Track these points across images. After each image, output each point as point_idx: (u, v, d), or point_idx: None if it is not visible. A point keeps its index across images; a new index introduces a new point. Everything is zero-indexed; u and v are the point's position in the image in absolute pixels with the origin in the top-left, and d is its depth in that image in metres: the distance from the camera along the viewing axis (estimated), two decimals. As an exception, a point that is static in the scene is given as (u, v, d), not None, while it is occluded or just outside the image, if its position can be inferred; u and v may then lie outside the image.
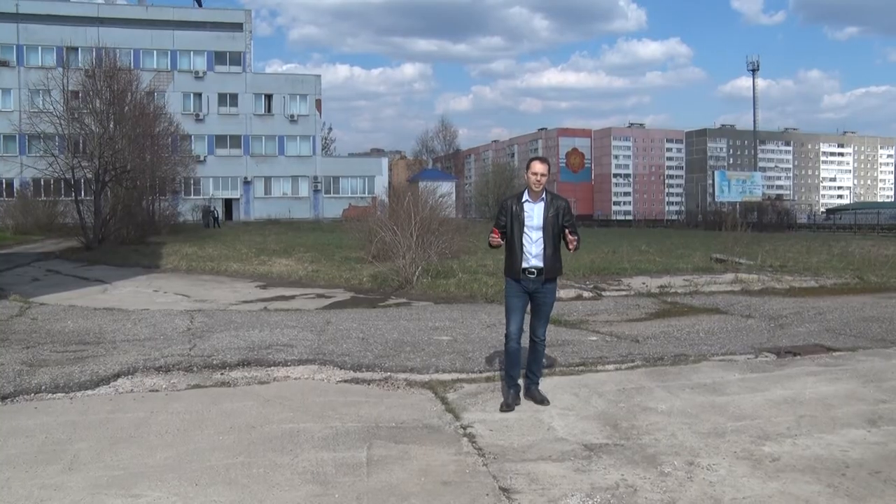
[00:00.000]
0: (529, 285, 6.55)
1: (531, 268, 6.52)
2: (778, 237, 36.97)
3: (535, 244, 6.53)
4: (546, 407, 6.48)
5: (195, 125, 64.93)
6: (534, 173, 6.52)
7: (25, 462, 5.18)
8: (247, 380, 7.67)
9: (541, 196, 6.57)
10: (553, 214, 6.52)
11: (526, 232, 6.54)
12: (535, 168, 6.53)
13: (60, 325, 11.02)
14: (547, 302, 6.67)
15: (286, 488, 4.67)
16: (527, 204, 6.61)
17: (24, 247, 30.92)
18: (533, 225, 6.54)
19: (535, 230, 6.54)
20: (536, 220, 6.53)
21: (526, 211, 6.58)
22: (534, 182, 6.52)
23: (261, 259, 22.80)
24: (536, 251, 6.53)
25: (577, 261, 19.83)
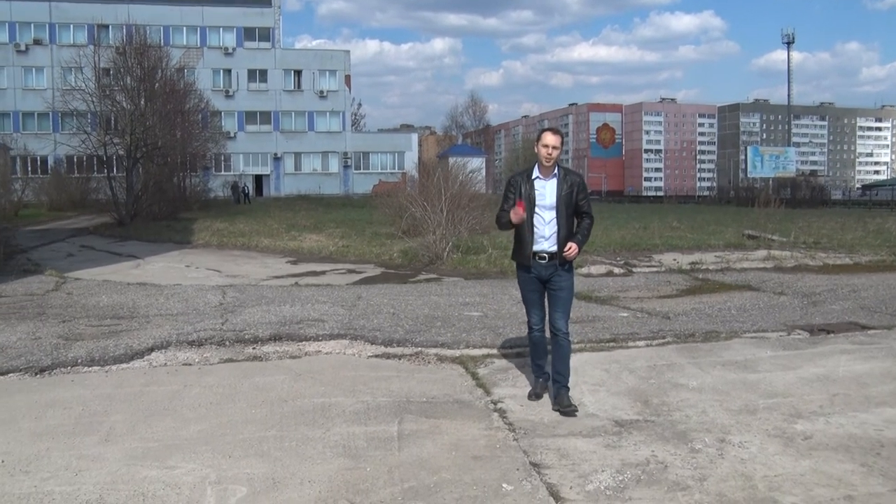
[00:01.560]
0: (542, 271, 5.93)
1: (543, 252, 5.89)
2: (812, 213, 36.52)
3: (549, 225, 5.88)
4: (576, 382, 6.45)
5: (225, 101, 65.18)
6: (545, 146, 5.85)
7: (64, 433, 5.27)
8: (278, 354, 7.73)
9: (553, 172, 5.91)
10: (567, 192, 5.87)
11: (537, 212, 5.89)
12: (547, 139, 5.86)
13: (95, 300, 11.16)
14: (564, 287, 5.95)
15: (318, 461, 4.70)
16: (538, 181, 5.93)
17: (59, 223, 31.31)
18: (545, 204, 5.88)
19: (547, 210, 5.88)
20: (549, 198, 5.87)
21: (537, 188, 5.91)
22: (545, 156, 5.85)
23: (291, 234, 22.91)
24: (549, 233, 5.88)
25: (608, 237, 19.75)
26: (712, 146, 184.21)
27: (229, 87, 67.59)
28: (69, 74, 36.02)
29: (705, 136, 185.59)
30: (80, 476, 4.51)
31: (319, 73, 69.85)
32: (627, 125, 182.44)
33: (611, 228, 23.20)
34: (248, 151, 67.82)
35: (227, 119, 65.09)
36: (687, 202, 78.27)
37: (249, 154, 68.05)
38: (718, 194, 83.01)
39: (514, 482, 4.38)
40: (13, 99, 62.87)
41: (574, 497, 4.19)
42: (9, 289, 12.38)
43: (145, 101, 33.20)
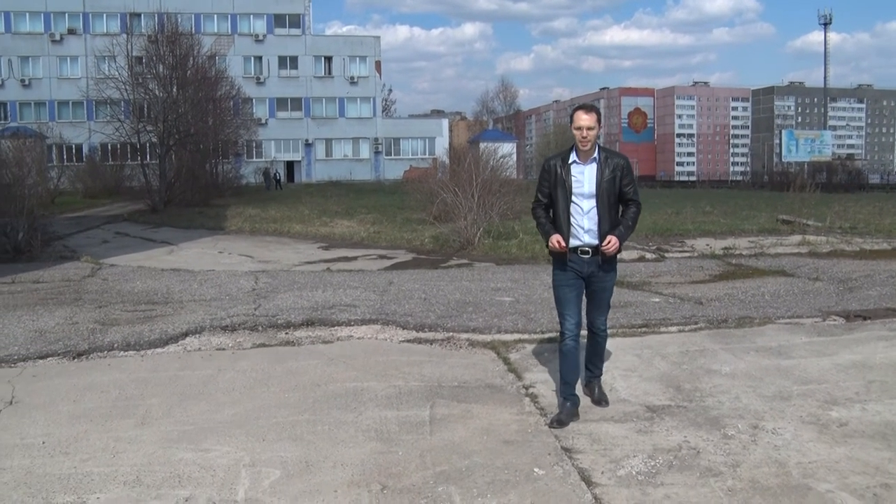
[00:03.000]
0: (584, 268, 5.24)
1: (584, 246, 5.19)
2: (848, 198, 35.96)
3: (588, 216, 5.19)
4: (608, 368, 6.41)
5: (256, 88, 65.42)
6: (578, 127, 5.13)
7: (101, 416, 5.36)
8: (311, 339, 7.79)
9: (592, 155, 5.19)
10: (609, 178, 5.16)
11: (574, 201, 5.19)
12: (580, 120, 5.12)
13: (130, 286, 11.31)
14: (607, 287, 5.40)
15: (350, 445, 4.74)
16: (575, 166, 5.23)
17: (94, 210, 31.69)
18: (584, 192, 5.17)
19: (586, 198, 5.17)
20: (588, 185, 5.16)
21: (574, 174, 5.21)
22: (580, 139, 5.14)
23: (323, 220, 23.01)
24: (589, 225, 5.19)
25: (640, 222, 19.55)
26: (746, 130, 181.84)
27: (260, 74, 67.80)
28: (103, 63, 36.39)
29: (739, 119, 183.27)
30: (117, 458, 4.59)
31: (350, 59, 69.82)
32: (659, 109, 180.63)
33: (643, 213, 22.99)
34: (279, 138, 68.06)
35: (258, 106, 65.32)
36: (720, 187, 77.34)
37: (281, 140, 68.29)
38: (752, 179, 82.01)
39: (545, 467, 4.38)
40: (49, 88, 63.60)
41: (606, 482, 4.18)
42: (46, 275, 12.58)
43: (177, 88, 33.47)
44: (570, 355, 5.26)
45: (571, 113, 5.27)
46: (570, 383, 5.26)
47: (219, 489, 4.12)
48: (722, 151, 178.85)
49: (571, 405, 5.22)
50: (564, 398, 5.26)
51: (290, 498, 4.02)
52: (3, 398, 5.82)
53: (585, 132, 5.10)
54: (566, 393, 5.26)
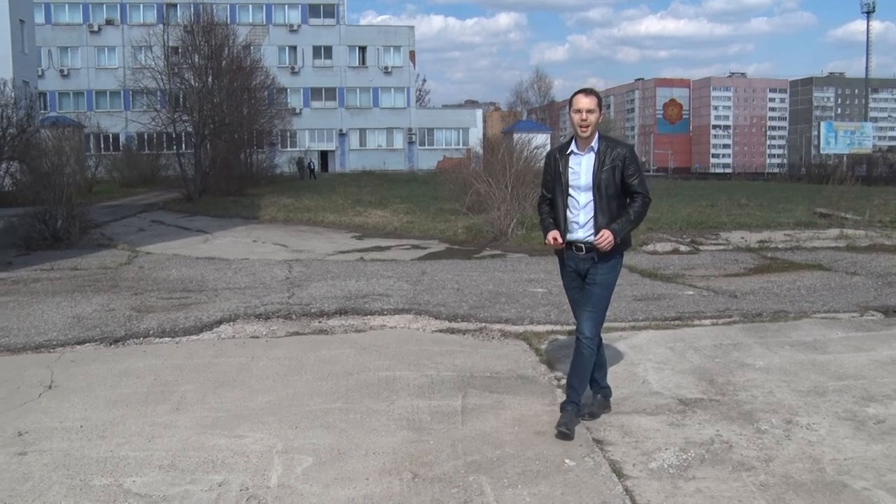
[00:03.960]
0: (580, 265, 4.93)
1: (578, 242, 4.88)
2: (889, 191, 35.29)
3: (584, 211, 4.84)
4: (640, 360, 6.39)
5: (290, 78, 65.79)
6: (577, 111, 4.77)
7: (137, 401, 5.44)
8: (344, 328, 7.83)
9: (590, 144, 4.85)
10: (609, 168, 4.77)
11: (571, 194, 4.88)
12: (579, 103, 4.78)
13: (165, 273, 11.44)
14: (598, 283, 4.87)
15: (383, 434, 4.76)
16: (573, 157, 4.91)
17: (130, 199, 32.06)
18: (580, 185, 4.84)
19: (582, 191, 4.84)
20: (584, 177, 4.82)
21: (571, 166, 4.89)
22: (578, 124, 4.78)
23: (356, 210, 23.09)
24: (585, 220, 4.84)
25: (674, 214, 19.45)
26: (783, 122, 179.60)
27: (295, 64, 68.15)
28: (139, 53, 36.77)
29: (776, 111, 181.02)
30: (152, 442, 4.66)
31: (384, 49, 69.94)
32: (695, 101, 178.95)
33: (677, 205, 22.83)
34: (313, 128, 68.41)
35: (292, 96, 65.68)
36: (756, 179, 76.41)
37: (315, 130, 68.63)
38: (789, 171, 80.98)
39: (576, 458, 4.37)
40: (87, 78, 64.50)
41: (637, 474, 4.16)
42: (84, 262, 12.77)
43: (213, 78, 33.72)
44: None
45: (570, 98, 4.92)
46: (595, 380, 5.13)
47: (252, 475, 4.17)
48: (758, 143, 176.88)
49: (602, 397, 5.16)
50: (594, 392, 5.16)
51: (322, 485, 4.05)
52: (43, 382, 5.93)
53: (585, 114, 4.74)
54: (593, 387, 5.15)
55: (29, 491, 4.01)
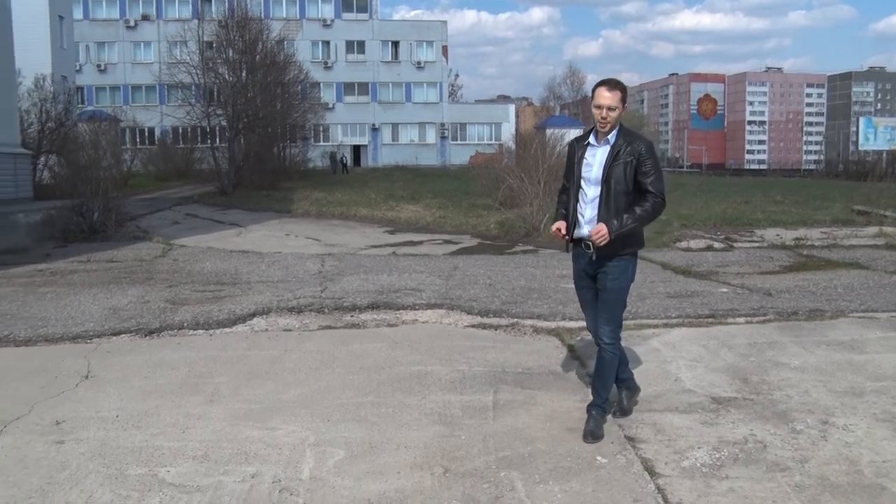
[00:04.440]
0: (586, 264, 4.76)
1: (584, 239, 4.70)
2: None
3: (591, 205, 4.64)
4: (673, 358, 6.34)
5: (324, 73, 65.98)
6: (598, 106, 4.57)
7: (171, 392, 5.50)
8: (376, 322, 7.85)
9: (607, 137, 4.65)
10: (622, 163, 4.54)
11: (582, 187, 4.69)
12: (601, 97, 4.55)
13: (199, 266, 11.55)
14: (608, 287, 4.68)
15: (414, 428, 4.77)
16: (589, 148, 4.72)
17: (165, 192, 32.38)
18: (590, 178, 4.64)
19: (592, 185, 4.64)
20: (596, 170, 4.61)
21: (586, 157, 4.70)
22: (599, 119, 4.58)
23: (389, 205, 23.13)
24: (590, 215, 4.63)
25: (708, 210, 19.28)
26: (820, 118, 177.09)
27: (328, 59, 68.36)
28: (175, 48, 37.03)
29: (813, 106, 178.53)
30: (186, 433, 4.71)
31: (417, 43, 69.92)
32: (730, 96, 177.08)
33: (711, 202, 22.62)
34: (346, 122, 68.61)
35: (325, 90, 65.92)
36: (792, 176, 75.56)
37: (348, 125, 68.83)
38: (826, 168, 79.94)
39: (608, 455, 4.35)
40: (123, 73, 65.20)
41: (669, 473, 4.13)
42: (120, 254, 12.93)
43: (247, 73, 33.95)
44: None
45: (593, 88, 4.69)
46: (619, 378, 4.96)
47: (284, 467, 4.19)
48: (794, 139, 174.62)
49: (627, 389, 5.04)
50: (618, 388, 5.01)
51: (353, 478, 4.06)
52: (80, 372, 6.01)
53: (605, 112, 4.53)
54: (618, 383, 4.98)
55: (66, 479, 4.07)
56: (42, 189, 21.19)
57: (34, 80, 25.20)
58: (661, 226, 16.13)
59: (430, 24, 73.12)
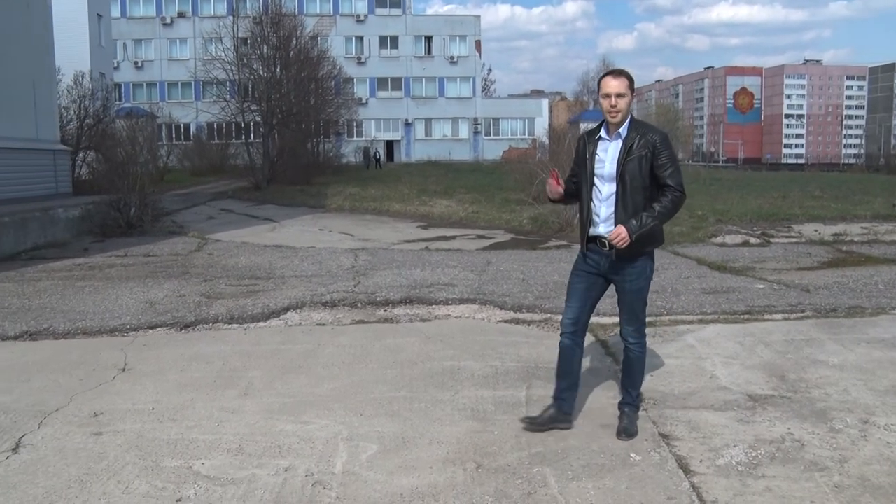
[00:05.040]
0: (602, 263, 4.55)
1: (600, 237, 4.51)
2: (973, 182, 34.02)
3: (606, 203, 4.46)
4: (708, 354, 6.27)
5: (357, 68, 66.19)
6: (605, 95, 4.40)
7: (206, 385, 5.55)
8: (409, 317, 7.86)
9: (619, 130, 4.45)
10: (636, 157, 4.35)
11: (595, 184, 4.50)
12: (608, 86, 4.39)
13: (234, 261, 11.65)
14: (628, 289, 4.53)
15: (447, 423, 4.77)
16: (601, 143, 4.52)
17: (200, 187, 32.66)
18: (604, 174, 4.45)
19: (606, 182, 4.45)
20: (609, 165, 4.42)
21: (598, 152, 4.51)
22: (608, 109, 4.40)
23: (421, 200, 23.15)
24: (606, 214, 4.46)
25: (744, 205, 19.08)
26: (861, 111, 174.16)
27: (361, 54, 68.56)
28: (210, 45, 37.32)
29: (853, 99, 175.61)
30: (221, 426, 4.74)
31: (450, 38, 69.89)
32: (767, 89, 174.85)
33: (747, 197, 22.37)
34: (379, 117, 68.79)
35: (359, 85, 66.11)
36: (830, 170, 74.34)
37: (381, 120, 69.01)
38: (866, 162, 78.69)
39: (642, 452, 4.31)
40: (159, 69, 65.94)
41: (704, 471, 4.08)
42: (156, 249, 13.08)
43: (281, 68, 34.11)
44: (562, 354, 4.69)
45: (599, 79, 4.54)
46: (559, 386, 4.70)
47: (317, 461, 4.21)
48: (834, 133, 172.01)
49: (554, 411, 4.66)
50: (553, 398, 4.72)
51: (386, 472, 4.07)
52: (117, 365, 6.09)
53: (615, 100, 4.35)
54: (553, 395, 4.73)
55: (104, 470, 4.12)
56: (81, 185, 21.49)
57: (73, 78, 25.55)
58: (696, 221, 16.01)
59: (464, 18, 73.07)
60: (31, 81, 18.25)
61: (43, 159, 18.78)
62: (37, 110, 18.43)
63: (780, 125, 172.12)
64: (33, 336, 7.17)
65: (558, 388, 4.69)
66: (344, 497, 3.80)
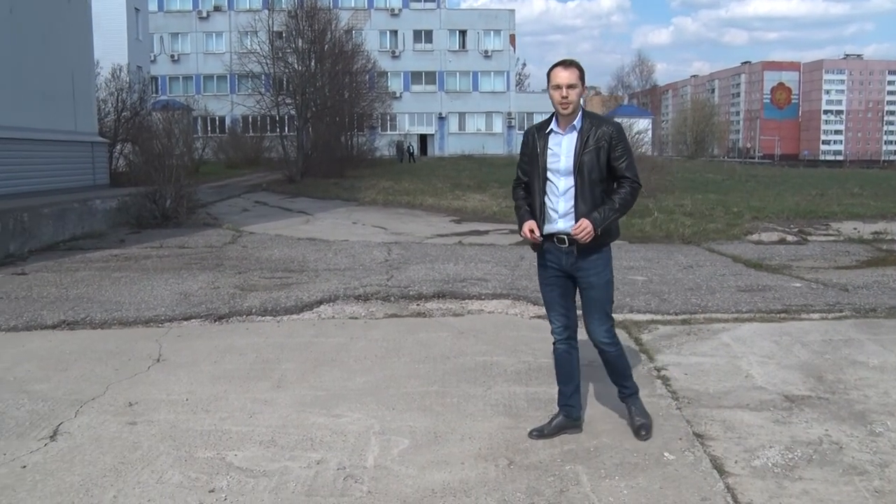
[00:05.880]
0: (563, 260, 4.37)
1: (560, 233, 4.31)
2: None
3: (563, 198, 4.29)
4: (744, 353, 6.18)
5: (391, 62, 66.27)
6: (556, 86, 4.22)
7: (239, 377, 5.59)
8: (441, 311, 7.86)
9: (573, 122, 4.29)
10: (592, 150, 4.22)
11: (550, 179, 4.33)
12: (557, 77, 4.22)
13: (268, 253, 11.71)
14: (596, 283, 4.36)
15: (479, 419, 4.75)
16: (553, 136, 4.36)
17: (234, 180, 32.88)
18: (559, 168, 4.29)
19: (562, 176, 4.28)
20: (565, 160, 4.26)
21: (550, 146, 4.34)
22: (559, 101, 4.23)
23: (455, 194, 23.13)
24: (565, 209, 4.28)
25: (781, 203, 18.85)
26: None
27: (395, 48, 68.63)
28: (245, 38, 37.57)
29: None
30: (254, 418, 4.77)
31: (484, 32, 69.73)
32: (805, 84, 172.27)
33: (784, 194, 22.10)
34: (413, 111, 68.83)
35: (392, 79, 66.18)
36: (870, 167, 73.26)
37: (414, 114, 69.06)
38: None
39: (675, 452, 4.27)
40: (195, 63, 66.51)
41: (739, 472, 4.02)
42: (191, 241, 13.20)
43: (315, 62, 34.27)
44: (560, 361, 4.58)
45: (548, 72, 4.34)
46: (562, 392, 4.61)
47: (349, 454, 4.22)
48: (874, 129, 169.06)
49: (563, 418, 4.56)
50: (558, 407, 4.63)
51: (417, 467, 4.06)
52: (152, 356, 6.16)
53: (565, 91, 4.18)
54: (558, 402, 4.63)
55: (139, 459, 4.16)
56: (117, 176, 21.76)
57: (111, 71, 25.88)
58: (732, 218, 15.85)
59: (498, 12, 72.76)
60: (70, 74, 18.50)
61: (81, 151, 19.04)
62: (76, 103, 18.69)
63: (819, 121, 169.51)
64: (71, 325, 7.27)
65: (563, 395, 4.58)
66: (375, 491, 3.80)
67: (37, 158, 16.55)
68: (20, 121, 15.88)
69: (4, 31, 15.60)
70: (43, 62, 17.06)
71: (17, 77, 16.02)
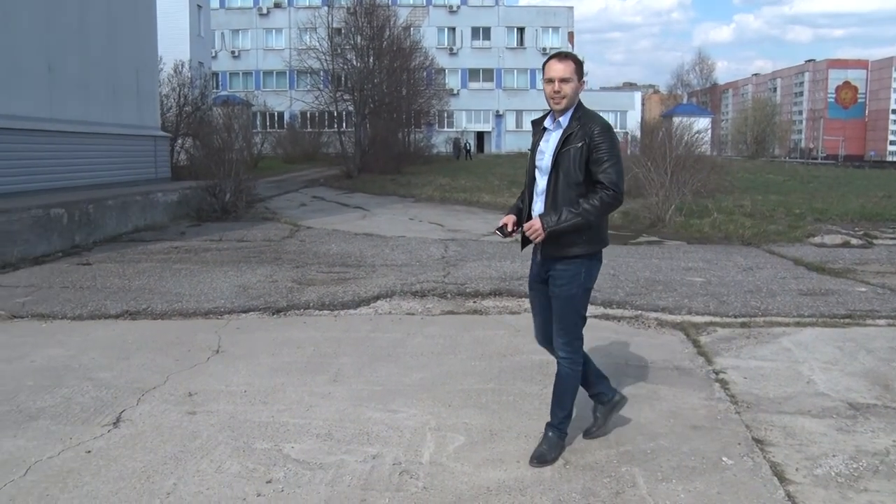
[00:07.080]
0: (535, 265, 4.25)
1: None
2: None
3: (541, 198, 4.07)
4: (805, 359, 6.04)
5: (449, 59, 66.37)
6: (548, 80, 4.02)
7: (297, 370, 5.66)
8: (498, 309, 7.84)
9: (559, 119, 4.09)
10: (570, 149, 3.95)
11: (536, 176, 4.14)
12: (551, 71, 4.02)
13: (325, 248, 11.82)
14: (557, 294, 4.10)
15: (535, 417, 4.73)
16: (545, 133, 4.17)
17: (292, 174, 33.28)
18: (542, 166, 4.08)
19: (543, 174, 4.07)
20: (547, 157, 4.03)
21: (541, 143, 4.15)
22: (551, 95, 4.03)
23: (512, 192, 23.01)
24: (538, 209, 4.07)
25: (845, 205, 18.41)
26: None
27: (453, 45, 68.73)
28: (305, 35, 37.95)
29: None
30: (310, 411, 4.82)
31: (542, 30, 69.46)
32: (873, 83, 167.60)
33: (848, 195, 21.59)
34: (470, 108, 68.89)
35: (450, 76, 66.33)
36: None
37: (472, 111, 69.11)
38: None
39: (734, 457, 4.19)
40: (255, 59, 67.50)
41: (801, 480, 3.94)
42: (250, 234, 13.39)
43: (374, 59, 34.48)
44: None
45: (543, 65, 4.14)
46: (602, 392, 4.48)
47: (405, 450, 4.23)
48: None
49: (595, 404, 4.48)
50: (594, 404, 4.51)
51: (473, 465, 4.06)
52: (212, 347, 6.26)
53: (558, 85, 3.96)
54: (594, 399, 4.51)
55: (198, 448, 4.24)
56: (178, 170, 22.16)
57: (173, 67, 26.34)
58: (793, 220, 15.54)
59: (557, 10, 72.39)
60: (135, 71, 18.89)
61: (144, 145, 19.44)
62: (140, 98, 19.09)
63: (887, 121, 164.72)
64: (133, 315, 7.43)
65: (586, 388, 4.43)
66: (430, 487, 3.81)
67: (102, 152, 16.95)
68: (88, 115, 16.28)
69: (74, 30, 16.00)
70: (109, 59, 17.46)
71: (86, 73, 16.43)
